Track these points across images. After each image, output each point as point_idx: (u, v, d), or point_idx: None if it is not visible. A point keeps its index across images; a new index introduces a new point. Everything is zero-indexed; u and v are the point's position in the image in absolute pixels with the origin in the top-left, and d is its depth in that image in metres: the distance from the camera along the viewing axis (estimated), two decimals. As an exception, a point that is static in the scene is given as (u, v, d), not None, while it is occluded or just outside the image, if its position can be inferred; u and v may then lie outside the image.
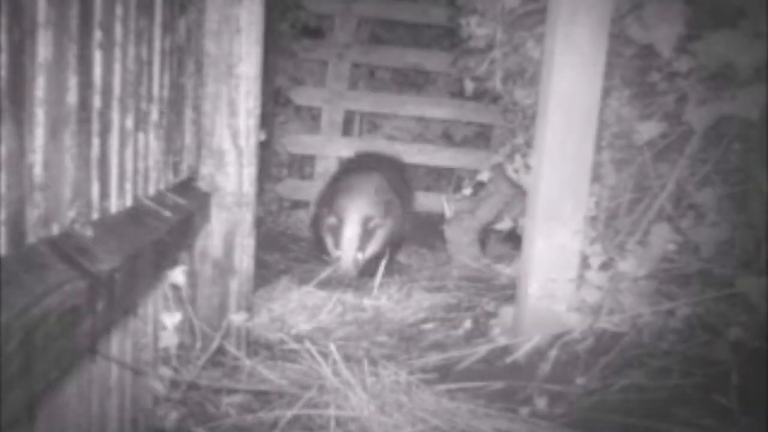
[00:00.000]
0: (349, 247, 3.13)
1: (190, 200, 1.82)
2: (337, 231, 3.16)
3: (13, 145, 0.87)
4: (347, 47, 4.46)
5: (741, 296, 1.99)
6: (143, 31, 1.45)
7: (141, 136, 1.47)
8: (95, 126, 1.18)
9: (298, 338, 2.41)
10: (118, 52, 1.28)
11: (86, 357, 1.27)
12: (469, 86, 3.28)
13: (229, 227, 2.13)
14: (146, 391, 1.73)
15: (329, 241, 3.24)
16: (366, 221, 3.16)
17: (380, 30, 4.84)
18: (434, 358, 2.34)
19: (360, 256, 3.16)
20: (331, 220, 3.19)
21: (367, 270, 3.21)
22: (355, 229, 3.14)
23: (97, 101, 1.18)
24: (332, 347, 2.10)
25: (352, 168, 3.73)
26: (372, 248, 3.23)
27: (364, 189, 3.32)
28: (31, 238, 0.94)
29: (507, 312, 2.49)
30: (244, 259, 2.16)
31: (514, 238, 3.11)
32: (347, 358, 2.15)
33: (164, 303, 1.89)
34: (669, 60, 2.19)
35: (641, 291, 2.22)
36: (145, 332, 1.70)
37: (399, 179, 3.75)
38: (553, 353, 2.16)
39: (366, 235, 3.16)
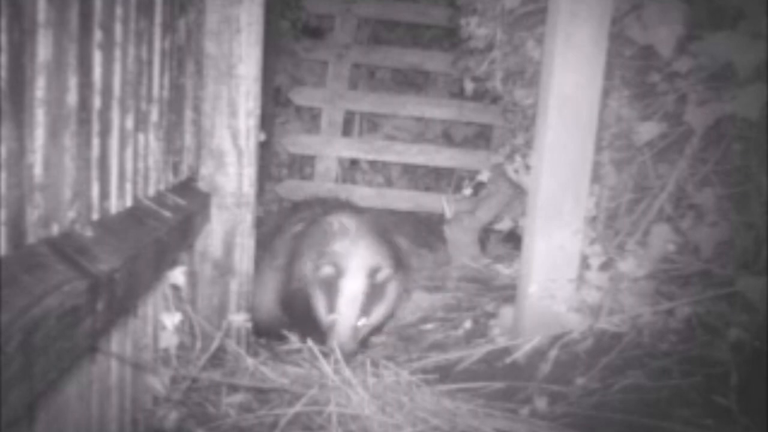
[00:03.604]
0: (349, 310, 2.29)
1: (190, 201, 1.82)
2: (332, 286, 2.30)
3: (13, 146, 0.87)
4: (347, 47, 4.46)
5: (741, 296, 1.99)
6: (143, 32, 1.45)
7: (141, 136, 1.47)
8: (95, 126, 1.18)
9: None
10: (118, 53, 1.28)
11: (86, 357, 1.27)
12: (469, 86, 3.28)
13: (229, 227, 2.13)
14: (146, 391, 1.73)
15: (320, 299, 2.35)
16: (373, 273, 2.33)
17: (380, 30, 4.84)
18: (434, 358, 2.34)
19: (363, 322, 2.33)
20: (327, 269, 2.31)
21: (366, 341, 2.47)
22: (358, 283, 2.31)
23: (97, 102, 1.18)
24: (335, 346, 2.10)
25: (328, 211, 2.70)
26: (379, 311, 2.40)
27: (364, 230, 2.46)
28: (31, 239, 0.94)
29: (507, 312, 2.49)
30: (244, 259, 2.16)
31: (514, 238, 3.11)
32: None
33: (164, 303, 1.88)
34: (669, 60, 2.19)
35: (641, 291, 2.22)
36: (145, 332, 1.70)
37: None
38: (553, 354, 2.16)
39: (373, 292, 2.33)
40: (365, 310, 2.30)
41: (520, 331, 2.30)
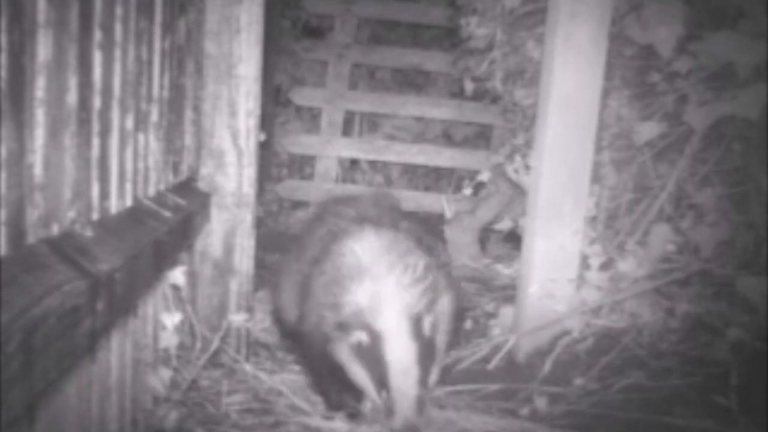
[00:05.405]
0: (407, 382, 1.71)
1: (190, 201, 1.82)
2: (372, 357, 1.73)
3: (13, 146, 0.87)
4: (347, 47, 4.46)
5: (741, 296, 1.99)
6: (143, 32, 1.45)
7: (141, 136, 1.47)
8: (95, 126, 1.18)
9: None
10: (118, 53, 1.28)
11: (86, 357, 1.27)
12: (469, 86, 3.28)
13: (229, 227, 2.13)
14: (146, 391, 1.73)
15: (359, 371, 1.78)
16: (416, 325, 1.74)
17: (380, 30, 4.84)
18: (434, 358, 2.34)
19: (424, 388, 1.75)
20: (359, 336, 1.74)
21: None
22: (409, 346, 1.72)
23: (97, 101, 1.18)
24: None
25: (338, 229, 2.10)
26: (436, 366, 1.86)
27: (390, 255, 1.85)
28: (31, 239, 0.94)
29: (507, 312, 2.49)
30: (244, 259, 2.16)
31: (514, 238, 3.11)
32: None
33: (164, 303, 1.88)
34: (669, 60, 2.19)
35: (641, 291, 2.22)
36: (145, 332, 1.70)
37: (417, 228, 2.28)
38: (552, 354, 2.16)
39: (425, 347, 1.75)
40: (423, 375, 1.73)
41: (520, 331, 2.30)
